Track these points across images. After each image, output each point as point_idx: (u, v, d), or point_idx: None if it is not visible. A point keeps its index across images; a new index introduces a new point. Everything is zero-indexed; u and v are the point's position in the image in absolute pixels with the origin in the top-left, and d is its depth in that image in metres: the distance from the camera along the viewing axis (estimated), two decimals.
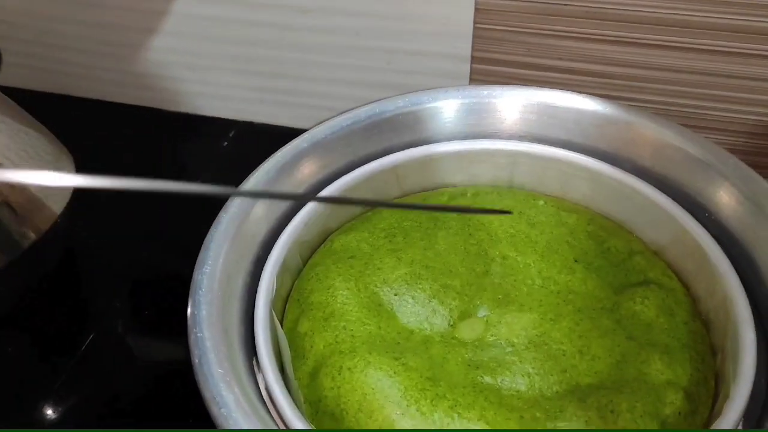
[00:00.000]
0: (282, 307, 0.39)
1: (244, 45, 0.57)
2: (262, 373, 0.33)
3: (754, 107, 0.48)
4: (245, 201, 0.39)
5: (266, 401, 0.33)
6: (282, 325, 0.38)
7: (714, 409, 0.33)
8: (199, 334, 0.32)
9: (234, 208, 0.39)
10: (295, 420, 0.31)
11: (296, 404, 0.33)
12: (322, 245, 0.42)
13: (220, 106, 0.64)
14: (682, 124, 0.42)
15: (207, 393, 0.30)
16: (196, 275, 0.35)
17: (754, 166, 0.39)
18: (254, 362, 0.35)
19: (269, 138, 0.59)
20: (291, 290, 0.40)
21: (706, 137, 0.42)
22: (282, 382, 0.33)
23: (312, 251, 0.42)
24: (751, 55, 0.46)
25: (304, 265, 0.41)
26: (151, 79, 0.63)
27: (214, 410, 0.29)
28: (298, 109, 0.61)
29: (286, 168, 0.42)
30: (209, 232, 0.37)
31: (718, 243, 0.38)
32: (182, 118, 0.64)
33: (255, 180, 0.40)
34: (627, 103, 0.51)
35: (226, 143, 0.63)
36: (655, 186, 0.41)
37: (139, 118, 0.65)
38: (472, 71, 0.55)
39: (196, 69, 0.61)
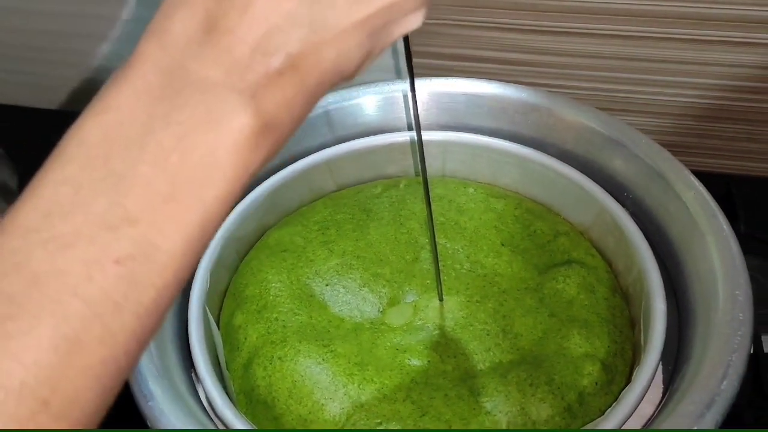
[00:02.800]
0: (220, 302, 0.40)
1: None
2: (194, 366, 0.34)
3: (668, 89, 0.50)
4: None
5: (200, 394, 0.34)
6: (219, 320, 0.39)
7: (630, 378, 0.35)
8: None
9: None
10: (225, 410, 0.32)
11: (229, 395, 0.34)
12: (258, 240, 0.43)
13: None
14: (603, 108, 0.44)
15: (135, 387, 0.31)
16: None
17: (669, 145, 0.41)
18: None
19: None
20: (228, 285, 0.41)
21: (622, 119, 0.43)
22: (213, 375, 0.34)
23: (249, 247, 0.43)
24: (665, 39, 0.48)
25: (241, 261, 0.42)
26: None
27: (143, 403, 0.30)
28: None
29: None
30: None
31: (635, 220, 0.39)
32: None
33: None
34: (555, 90, 0.52)
35: None
36: (578, 169, 0.42)
37: None
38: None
39: None
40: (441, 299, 0.38)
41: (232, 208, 0.22)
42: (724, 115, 0.52)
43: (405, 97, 0.46)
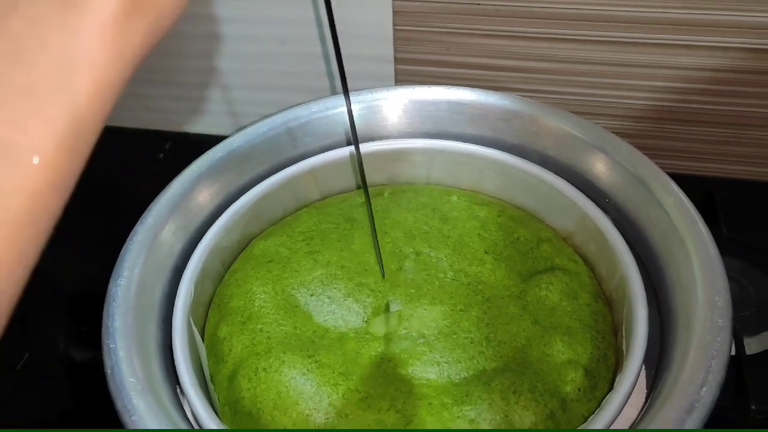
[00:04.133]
0: (204, 313, 0.40)
1: (171, 56, 0.58)
2: (179, 378, 0.34)
3: (642, 92, 0.51)
4: (162, 211, 0.40)
5: (185, 407, 0.34)
6: (204, 331, 0.39)
7: (613, 384, 0.35)
8: (111, 345, 0.33)
9: (150, 218, 0.39)
10: (210, 422, 0.32)
11: (214, 408, 0.34)
12: (243, 251, 0.43)
13: (153, 118, 0.64)
14: (586, 113, 0.45)
15: (119, 402, 0.31)
16: (111, 287, 0.36)
17: (651, 148, 0.42)
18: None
19: (209, 148, 0.60)
20: (213, 296, 0.41)
21: (604, 124, 0.44)
22: (197, 387, 0.34)
23: (234, 257, 0.43)
24: (647, 44, 0.48)
25: (226, 272, 0.42)
26: None
27: (126, 418, 0.30)
28: (237, 117, 0.62)
29: (202, 179, 0.43)
30: (125, 244, 0.38)
31: (617, 226, 0.40)
32: (111, 133, 0.64)
33: (167, 197, 0.41)
34: (544, 95, 0.53)
35: (162, 155, 0.63)
36: (559, 175, 0.43)
37: None
38: (396, 72, 0.56)
39: (131, 83, 0.61)
40: (383, 276, 0.39)
41: (112, 98, 0.20)
42: (705, 119, 0.52)
43: (389, 104, 0.47)
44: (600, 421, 0.32)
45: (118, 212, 0.41)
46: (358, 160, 0.37)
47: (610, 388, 0.35)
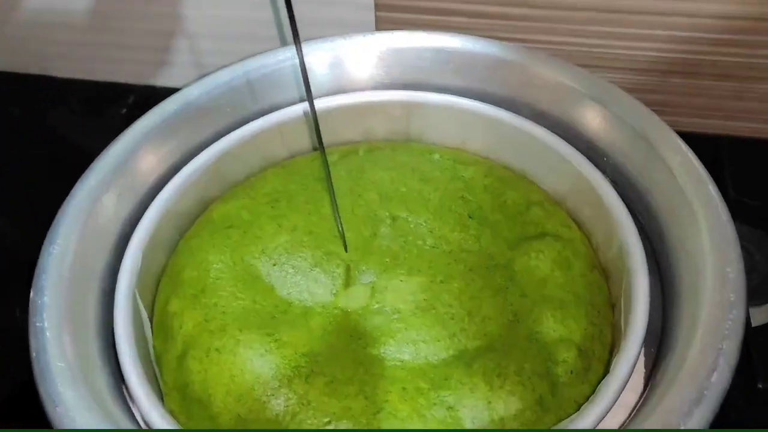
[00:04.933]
0: (155, 286, 0.36)
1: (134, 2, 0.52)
2: (119, 360, 0.30)
3: (650, 42, 0.46)
4: (105, 171, 0.36)
5: (126, 395, 0.30)
6: (154, 306, 0.35)
7: (609, 365, 0.32)
8: (38, 324, 0.29)
9: (92, 179, 0.35)
10: (152, 411, 0.28)
11: (163, 392, 0.30)
12: (201, 216, 0.39)
13: (114, 70, 0.59)
14: (581, 65, 0.40)
15: (42, 390, 0.27)
16: (41, 258, 0.31)
17: (652, 104, 0.37)
18: None
19: None
20: (166, 267, 0.37)
21: (600, 76, 0.39)
22: (140, 370, 0.30)
23: (191, 222, 0.39)
24: None
25: (181, 239, 0.38)
26: (29, 43, 0.58)
27: (49, 409, 0.26)
28: (205, 69, 0.56)
29: (153, 134, 0.38)
30: (61, 208, 0.34)
31: (616, 188, 0.36)
32: (73, 85, 0.59)
33: (112, 155, 0.36)
34: (531, 45, 0.48)
35: (124, 110, 0.59)
36: (553, 131, 0.39)
37: (25, 86, 0.59)
38: (377, 20, 0.51)
39: (86, 31, 0.55)
40: (346, 251, 0.35)
41: None
42: (711, 71, 0.48)
43: (366, 51, 0.42)
44: (594, 410, 0.28)
45: (78, 175, 0.36)
46: (312, 116, 0.33)
47: (606, 369, 0.31)
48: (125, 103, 0.59)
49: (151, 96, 0.59)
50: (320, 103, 0.41)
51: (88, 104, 0.58)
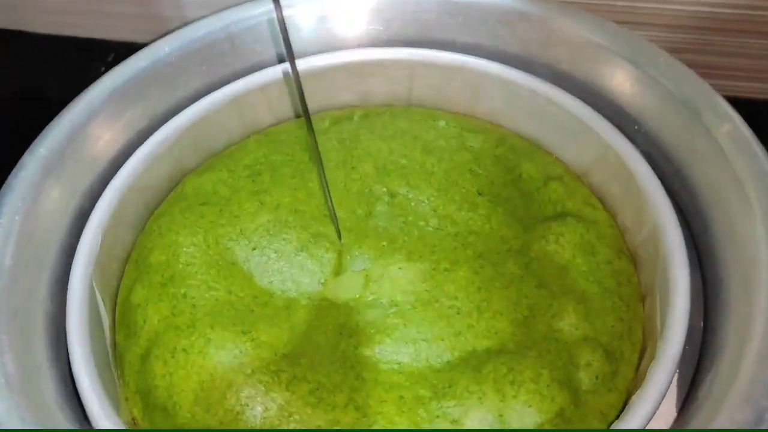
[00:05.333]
0: (120, 271, 0.31)
1: None
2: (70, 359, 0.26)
3: None
4: (60, 138, 0.31)
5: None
6: (118, 294, 0.31)
7: (640, 368, 0.27)
8: None
9: (43, 148, 0.30)
10: (103, 420, 0.24)
11: (125, 396, 0.26)
12: (173, 190, 0.34)
13: (94, 25, 0.54)
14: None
15: None
16: None
17: (688, 65, 0.32)
18: None
19: None
20: (132, 249, 0.32)
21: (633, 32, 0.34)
22: (93, 370, 0.26)
23: (161, 198, 0.34)
24: None
25: (150, 216, 0.33)
26: None
27: None
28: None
29: (118, 95, 0.33)
30: (5, 183, 0.29)
31: (649, 161, 0.31)
32: (49, 42, 0.54)
33: (68, 120, 0.32)
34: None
35: (104, 69, 0.53)
36: (576, 95, 0.34)
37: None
38: None
39: None
40: (339, 238, 0.30)
41: None
42: (753, 29, 0.42)
43: (358, 4, 0.37)
44: (627, 425, 0.24)
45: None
46: (294, 76, 0.28)
47: (635, 373, 0.27)
48: (105, 61, 0.53)
49: (132, 54, 0.54)
50: (310, 62, 0.36)
51: (65, 62, 0.53)
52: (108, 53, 0.55)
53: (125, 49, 0.56)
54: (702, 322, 0.27)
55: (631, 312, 0.29)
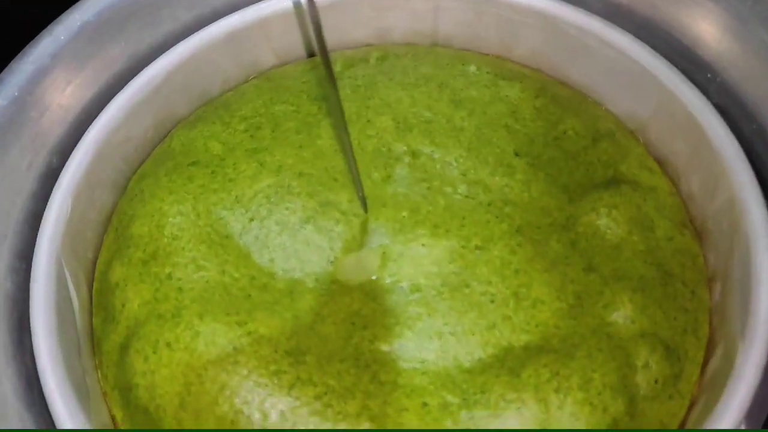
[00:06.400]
0: (97, 241, 0.27)
1: None
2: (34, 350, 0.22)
3: None
4: (21, 84, 0.26)
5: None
6: (95, 269, 0.27)
7: (707, 369, 0.23)
8: None
9: (3, 95, 0.26)
10: (67, 420, 0.20)
11: (104, 392, 0.22)
12: (159, 144, 0.29)
13: None
14: None
15: None
16: None
17: None
18: None
19: None
20: (111, 216, 0.28)
21: None
22: (60, 363, 0.22)
23: (144, 155, 0.29)
24: None
25: (133, 176, 0.29)
26: None
27: None
28: None
29: (90, 29, 0.28)
30: None
31: (724, 116, 0.26)
32: None
33: (32, 59, 0.27)
34: None
35: None
36: (634, 33, 0.28)
37: None
38: None
39: None
40: (365, 211, 0.25)
41: None
42: None
43: None
44: None
45: None
46: (309, 7, 0.22)
47: (700, 378, 0.23)
48: None
49: None
50: None
51: None
52: None
53: None
54: None
55: (696, 300, 0.24)
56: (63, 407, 0.21)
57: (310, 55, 0.32)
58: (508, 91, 0.29)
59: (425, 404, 0.22)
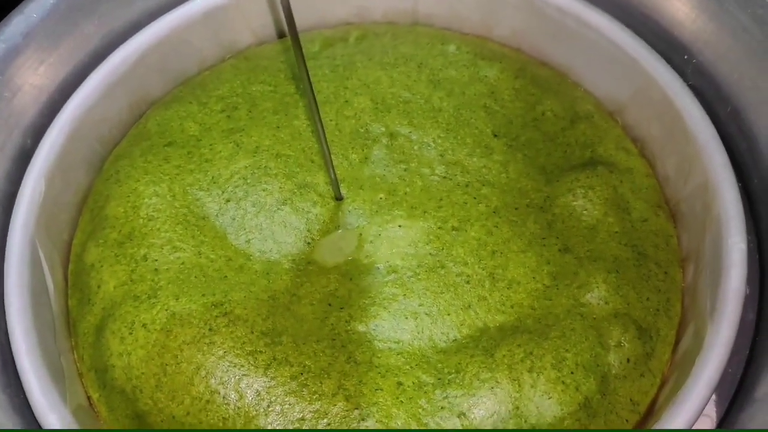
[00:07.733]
0: (72, 222, 0.27)
1: None
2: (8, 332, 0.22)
3: None
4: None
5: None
6: (70, 251, 0.26)
7: (678, 348, 0.24)
8: None
9: None
10: (49, 414, 0.20)
11: (79, 373, 0.22)
12: (135, 124, 0.29)
13: None
14: None
15: None
16: None
17: None
18: None
19: None
20: (86, 197, 0.28)
21: None
22: (35, 346, 0.22)
23: (120, 135, 0.29)
24: None
25: (108, 157, 0.28)
26: None
27: None
28: None
29: (63, 6, 0.28)
30: None
31: (699, 99, 0.26)
32: None
33: (6, 38, 0.26)
34: None
35: None
36: (612, 14, 0.28)
37: None
38: None
39: None
40: (340, 198, 0.25)
41: None
42: None
43: None
44: (669, 423, 0.20)
45: None
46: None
47: (672, 357, 0.23)
48: None
49: None
50: None
51: None
52: None
53: None
54: (758, 298, 0.23)
55: (669, 281, 0.25)
56: (37, 388, 0.21)
57: (285, 34, 0.32)
58: (487, 71, 0.29)
59: (400, 384, 0.22)
